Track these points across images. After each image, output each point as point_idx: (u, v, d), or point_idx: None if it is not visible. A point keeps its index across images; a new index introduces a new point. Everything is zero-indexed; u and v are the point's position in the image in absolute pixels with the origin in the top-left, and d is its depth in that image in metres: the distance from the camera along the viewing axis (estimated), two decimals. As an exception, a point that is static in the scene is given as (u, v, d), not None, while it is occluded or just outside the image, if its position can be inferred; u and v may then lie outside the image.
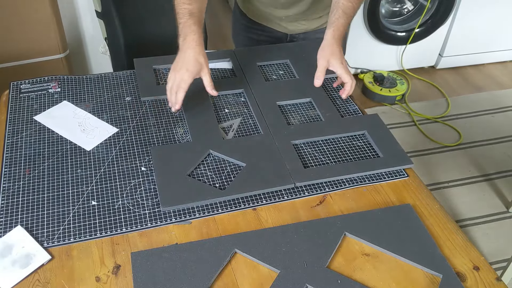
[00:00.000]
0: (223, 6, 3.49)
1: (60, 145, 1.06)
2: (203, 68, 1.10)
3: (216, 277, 0.82)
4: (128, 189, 0.96)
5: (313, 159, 1.05)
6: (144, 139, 1.09)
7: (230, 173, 1.01)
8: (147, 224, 0.90)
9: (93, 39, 2.36)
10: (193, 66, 1.08)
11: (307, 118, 1.17)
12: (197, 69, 1.09)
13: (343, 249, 0.88)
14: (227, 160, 1.04)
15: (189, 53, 1.08)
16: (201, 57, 1.09)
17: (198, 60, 1.09)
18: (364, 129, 1.13)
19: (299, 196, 0.97)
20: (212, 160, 1.04)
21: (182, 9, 1.12)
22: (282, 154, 1.04)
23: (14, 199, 0.93)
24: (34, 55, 2.04)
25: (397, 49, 2.76)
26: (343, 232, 0.90)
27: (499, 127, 2.50)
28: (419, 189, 1.01)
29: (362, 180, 1.01)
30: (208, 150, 1.05)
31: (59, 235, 0.87)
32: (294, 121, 1.16)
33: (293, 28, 1.47)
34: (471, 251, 0.89)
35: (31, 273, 0.81)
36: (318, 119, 1.17)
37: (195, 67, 1.08)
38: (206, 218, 0.92)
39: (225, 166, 1.03)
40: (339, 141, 1.11)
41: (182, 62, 1.08)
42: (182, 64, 1.08)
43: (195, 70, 1.08)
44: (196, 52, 1.08)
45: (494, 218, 2.02)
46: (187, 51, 1.08)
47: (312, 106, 1.21)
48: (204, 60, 1.10)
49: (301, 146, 1.09)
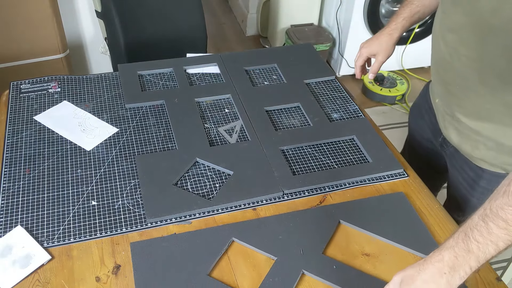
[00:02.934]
0: (223, 6, 3.49)
1: (60, 145, 1.06)
2: (381, 52, 1.18)
3: (214, 265, 0.83)
4: (128, 189, 0.96)
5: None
6: (144, 139, 1.09)
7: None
8: (147, 224, 0.90)
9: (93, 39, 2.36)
10: (374, 45, 1.19)
11: (295, 123, 1.16)
12: (376, 49, 1.19)
13: (338, 237, 0.90)
14: (214, 168, 1.02)
15: (378, 36, 1.19)
16: (385, 41, 1.18)
17: (381, 43, 1.18)
18: (353, 133, 1.12)
19: (299, 196, 0.97)
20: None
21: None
22: (270, 161, 1.03)
23: (14, 199, 0.93)
24: (34, 55, 2.04)
25: (397, 49, 2.76)
26: (338, 220, 0.91)
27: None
28: (419, 189, 1.01)
29: (362, 180, 1.01)
30: (195, 158, 1.03)
31: (59, 235, 0.87)
32: (282, 127, 1.15)
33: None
34: (471, 251, 0.89)
35: (31, 273, 0.81)
36: (306, 124, 1.16)
37: (374, 48, 1.19)
38: (206, 218, 0.92)
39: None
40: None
41: (370, 41, 1.20)
42: (369, 43, 1.20)
43: (372, 50, 1.19)
44: (385, 37, 1.18)
45: (494, 218, 2.01)
46: (379, 35, 1.19)
47: (300, 111, 1.20)
48: (387, 46, 1.18)
49: (289, 152, 1.07)
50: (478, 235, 0.68)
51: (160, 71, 1.30)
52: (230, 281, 0.82)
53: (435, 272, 0.68)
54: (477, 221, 0.69)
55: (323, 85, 1.29)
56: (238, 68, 1.32)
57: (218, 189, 0.97)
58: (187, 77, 1.29)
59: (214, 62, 1.34)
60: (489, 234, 0.67)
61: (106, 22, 1.77)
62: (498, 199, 0.69)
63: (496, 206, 0.68)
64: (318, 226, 0.90)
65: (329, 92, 1.27)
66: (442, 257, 0.69)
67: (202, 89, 1.24)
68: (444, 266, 0.68)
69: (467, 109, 0.95)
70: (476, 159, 1.01)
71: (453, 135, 1.04)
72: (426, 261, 0.69)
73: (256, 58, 1.37)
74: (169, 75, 1.30)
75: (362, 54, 1.21)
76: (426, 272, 0.69)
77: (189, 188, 0.97)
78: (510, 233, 0.67)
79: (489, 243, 0.67)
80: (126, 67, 1.31)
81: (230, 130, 1.12)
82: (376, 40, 1.19)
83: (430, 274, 0.68)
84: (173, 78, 1.28)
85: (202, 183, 0.99)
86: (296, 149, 1.08)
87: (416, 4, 1.14)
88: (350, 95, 1.26)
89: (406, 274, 0.70)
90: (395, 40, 1.17)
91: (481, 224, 0.68)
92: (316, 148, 1.09)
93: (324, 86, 1.29)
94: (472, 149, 1.00)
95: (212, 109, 1.19)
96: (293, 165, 1.04)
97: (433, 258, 0.69)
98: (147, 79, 1.28)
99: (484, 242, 0.67)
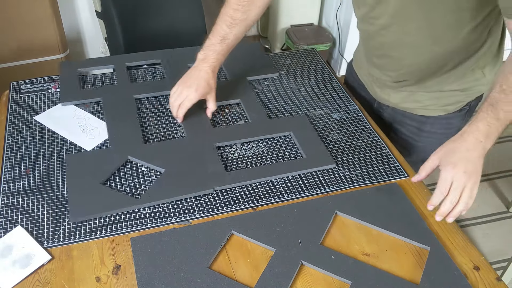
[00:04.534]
0: (223, 6, 3.49)
1: (60, 145, 1.06)
2: (212, 91, 1.12)
3: (214, 258, 0.84)
4: (128, 189, 0.96)
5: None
6: (144, 139, 1.09)
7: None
8: (147, 224, 0.90)
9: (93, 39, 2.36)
10: (203, 88, 1.09)
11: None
12: (206, 91, 1.10)
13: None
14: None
15: (203, 75, 1.09)
16: (212, 81, 1.11)
17: (209, 83, 1.10)
18: (290, 130, 1.12)
19: (299, 196, 0.97)
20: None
21: (219, 28, 1.09)
22: (204, 158, 1.02)
23: (14, 199, 0.93)
24: (34, 55, 2.04)
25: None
26: (335, 211, 0.93)
27: (499, 127, 2.50)
28: (419, 189, 1.01)
29: (362, 180, 1.01)
30: (127, 156, 1.01)
31: (59, 235, 0.87)
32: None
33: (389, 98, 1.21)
34: (471, 251, 0.89)
35: (31, 273, 0.81)
36: (245, 120, 1.16)
37: (204, 89, 1.09)
38: (206, 218, 0.92)
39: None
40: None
41: (193, 80, 1.09)
42: (193, 82, 1.09)
43: (204, 92, 1.10)
44: (209, 76, 1.10)
45: (494, 218, 2.02)
46: (201, 72, 1.10)
47: (241, 107, 1.20)
48: (214, 84, 1.12)
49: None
50: (504, 105, 0.82)
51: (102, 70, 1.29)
52: (230, 273, 0.83)
53: (474, 141, 0.82)
54: (498, 95, 0.83)
55: (323, 85, 1.29)
56: (183, 65, 1.28)
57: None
58: (129, 74, 1.28)
59: (157, 59, 1.33)
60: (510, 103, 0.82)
61: (106, 22, 1.77)
62: (509, 74, 0.83)
63: (509, 80, 0.83)
64: (315, 217, 0.92)
65: (329, 92, 1.27)
66: (477, 127, 0.82)
67: (143, 86, 1.23)
68: (480, 135, 0.82)
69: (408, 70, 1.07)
70: (418, 110, 1.16)
71: (392, 98, 1.17)
72: (466, 132, 0.83)
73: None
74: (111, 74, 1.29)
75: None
76: (467, 141, 0.82)
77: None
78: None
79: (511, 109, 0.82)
80: (67, 64, 1.29)
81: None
82: None
83: (472, 143, 0.82)
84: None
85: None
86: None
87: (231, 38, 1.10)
88: (350, 95, 1.26)
89: (447, 147, 0.84)
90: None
91: (503, 97, 0.82)
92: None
93: (324, 86, 1.29)
94: (414, 103, 1.15)
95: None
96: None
97: (471, 129, 0.83)
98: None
99: (509, 109, 0.82)
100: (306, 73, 1.34)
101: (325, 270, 0.83)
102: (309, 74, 1.34)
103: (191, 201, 0.95)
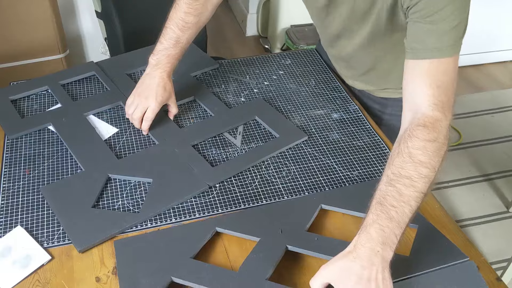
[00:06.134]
0: (223, 6, 3.49)
1: (60, 145, 1.06)
2: (171, 96, 1.09)
3: (198, 251, 0.85)
4: (128, 189, 0.96)
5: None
6: (144, 139, 1.09)
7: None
8: (147, 224, 0.90)
9: (93, 39, 2.36)
10: (162, 95, 1.06)
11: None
12: (166, 97, 1.08)
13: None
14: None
15: (159, 81, 1.06)
16: (169, 86, 1.08)
17: (167, 88, 1.07)
18: (253, 114, 1.15)
19: (299, 196, 0.97)
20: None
21: (171, 31, 1.07)
22: (185, 159, 1.01)
23: (14, 199, 0.93)
24: (34, 55, 2.04)
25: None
26: (319, 205, 0.94)
27: (499, 127, 2.50)
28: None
29: (362, 180, 1.01)
30: (106, 174, 0.97)
31: (59, 235, 0.87)
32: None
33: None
34: (471, 251, 0.89)
35: (31, 273, 0.81)
36: (208, 115, 1.16)
37: (163, 96, 1.06)
38: (205, 218, 0.92)
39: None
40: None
41: (151, 89, 1.05)
42: (150, 92, 1.05)
43: (164, 99, 1.07)
44: (165, 81, 1.07)
45: (494, 218, 2.02)
46: (156, 79, 1.06)
47: (197, 104, 1.20)
48: (171, 88, 1.09)
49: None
50: (392, 200, 0.69)
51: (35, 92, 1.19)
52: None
53: (369, 254, 0.67)
54: (386, 188, 0.71)
55: (323, 85, 1.29)
56: (120, 73, 1.26)
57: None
58: (67, 92, 1.20)
59: (91, 71, 1.26)
60: (401, 195, 0.70)
61: (106, 22, 1.77)
62: (394, 160, 0.73)
63: (395, 168, 0.72)
64: (301, 211, 0.93)
65: (329, 92, 1.27)
66: (370, 235, 0.68)
67: (88, 102, 1.17)
68: (375, 244, 0.67)
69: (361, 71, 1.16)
70: (379, 92, 1.20)
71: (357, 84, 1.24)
72: (357, 246, 0.68)
73: (136, 59, 1.31)
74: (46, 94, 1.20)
75: None
76: (361, 257, 0.67)
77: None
78: (417, 190, 0.71)
79: (403, 205, 0.69)
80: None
81: (232, 132, 1.12)
82: None
83: (366, 258, 0.67)
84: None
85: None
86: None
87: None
88: (350, 95, 1.26)
89: (340, 266, 0.68)
90: None
91: (390, 189, 0.71)
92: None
93: (324, 86, 1.29)
94: (372, 86, 1.20)
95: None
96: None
97: (362, 240, 0.68)
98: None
99: (399, 205, 0.69)
100: (306, 73, 1.34)
101: (310, 251, 0.84)
102: (309, 74, 1.34)
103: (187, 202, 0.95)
